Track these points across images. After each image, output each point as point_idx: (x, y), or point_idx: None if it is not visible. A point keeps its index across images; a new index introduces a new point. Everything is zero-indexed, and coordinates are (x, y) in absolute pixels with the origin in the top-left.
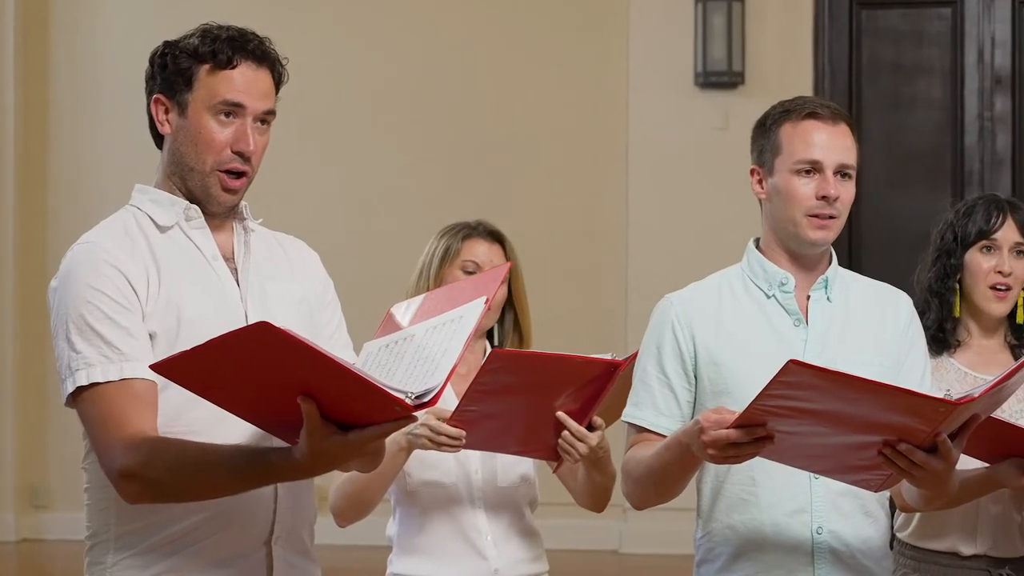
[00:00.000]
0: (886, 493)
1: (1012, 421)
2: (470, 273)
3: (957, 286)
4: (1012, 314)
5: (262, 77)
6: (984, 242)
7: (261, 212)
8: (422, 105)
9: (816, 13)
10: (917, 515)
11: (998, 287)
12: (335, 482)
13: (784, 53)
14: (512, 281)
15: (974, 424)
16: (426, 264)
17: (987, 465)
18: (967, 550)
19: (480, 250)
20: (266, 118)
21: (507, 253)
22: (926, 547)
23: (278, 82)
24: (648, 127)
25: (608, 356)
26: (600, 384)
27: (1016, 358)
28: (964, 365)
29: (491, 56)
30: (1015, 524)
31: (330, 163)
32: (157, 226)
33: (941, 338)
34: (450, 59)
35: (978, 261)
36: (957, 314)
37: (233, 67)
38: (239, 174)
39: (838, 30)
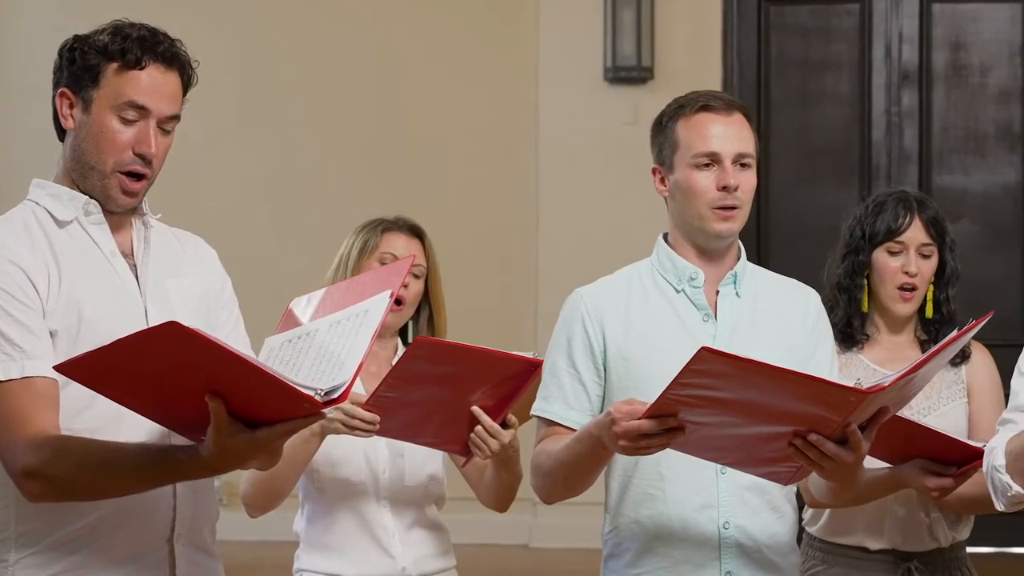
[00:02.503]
0: (793, 488)
1: (917, 420)
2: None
3: (865, 283)
4: (922, 308)
5: (170, 80)
6: (891, 243)
7: (176, 207)
8: (335, 100)
9: (725, 8)
10: (827, 510)
11: (904, 287)
12: (246, 472)
13: (693, 48)
14: (429, 277)
15: (883, 417)
16: (344, 258)
17: (889, 466)
18: (874, 545)
19: (399, 244)
20: (170, 123)
21: (426, 248)
22: (835, 541)
23: (187, 85)
24: (558, 122)
25: (529, 354)
26: (518, 381)
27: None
28: (872, 361)
29: (403, 52)
30: (922, 522)
31: (245, 158)
32: (56, 221)
33: (849, 334)
34: (363, 54)
35: (885, 261)
36: (865, 310)
37: (141, 68)
38: (139, 176)
39: (747, 25)
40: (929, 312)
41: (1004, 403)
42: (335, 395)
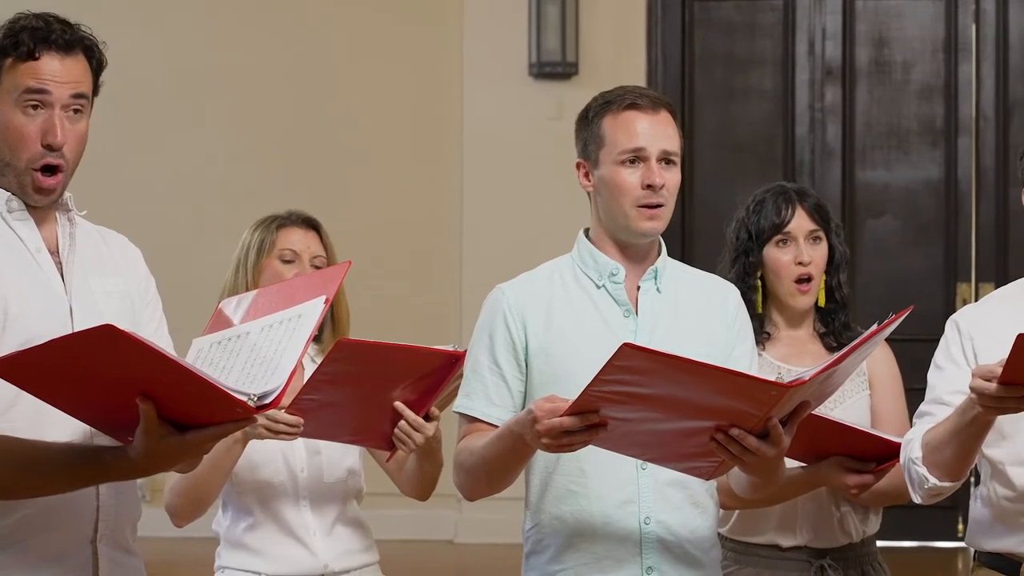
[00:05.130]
0: (715, 484)
1: (833, 417)
2: (288, 262)
3: (759, 283)
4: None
5: (70, 65)
6: (779, 236)
7: (89, 202)
8: (256, 95)
9: (649, 4)
10: (736, 510)
11: (801, 279)
12: (169, 482)
13: (617, 44)
14: None
15: (804, 411)
16: (242, 258)
17: (804, 465)
18: (787, 543)
19: (295, 238)
20: (77, 104)
21: (323, 239)
22: (747, 541)
23: (96, 68)
24: (482, 117)
25: (450, 347)
26: (440, 375)
27: (826, 347)
28: (776, 359)
29: (325, 45)
30: (833, 517)
31: (160, 153)
32: None
33: None
34: (284, 47)
35: (776, 256)
36: (760, 310)
37: (36, 58)
38: (53, 170)
39: (671, 21)
40: (822, 301)
41: (903, 394)
42: (268, 400)
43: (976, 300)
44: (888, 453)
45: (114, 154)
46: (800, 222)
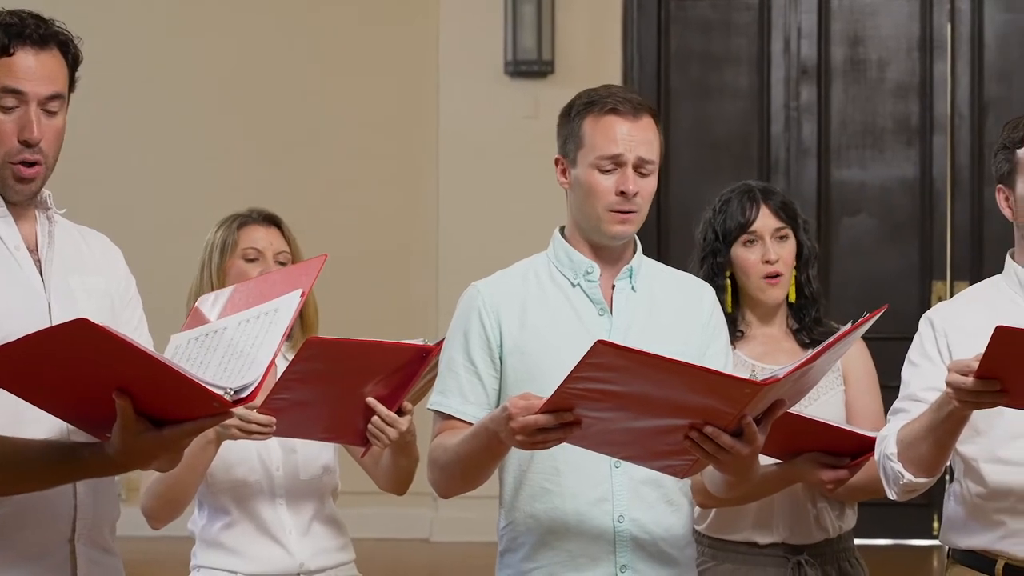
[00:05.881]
0: (689, 482)
1: (806, 414)
2: (252, 261)
3: (729, 283)
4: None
5: (45, 61)
6: (745, 236)
7: (66, 200)
8: (233, 93)
9: (625, 2)
10: (713, 509)
11: (769, 275)
12: (144, 485)
13: (593, 42)
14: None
15: (779, 409)
16: (206, 260)
17: (778, 462)
18: (764, 539)
19: (257, 236)
20: (54, 101)
21: (285, 234)
22: (724, 538)
23: (72, 63)
24: (458, 115)
25: (419, 341)
26: (411, 370)
27: (799, 343)
28: (750, 356)
29: (301, 43)
30: (809, 513)
31: (136, 152)
32: None
33: None
34: (259, 46)
35: (744, 255)
36: (730, 310)
37: (11, 54)
38: (32, 165)
39: (647, 19)
40: (792, 297)
41: (879, 390)
42: (244, 394)
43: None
44: (862, 448)
45: (90, 152)
46: (765, 221)
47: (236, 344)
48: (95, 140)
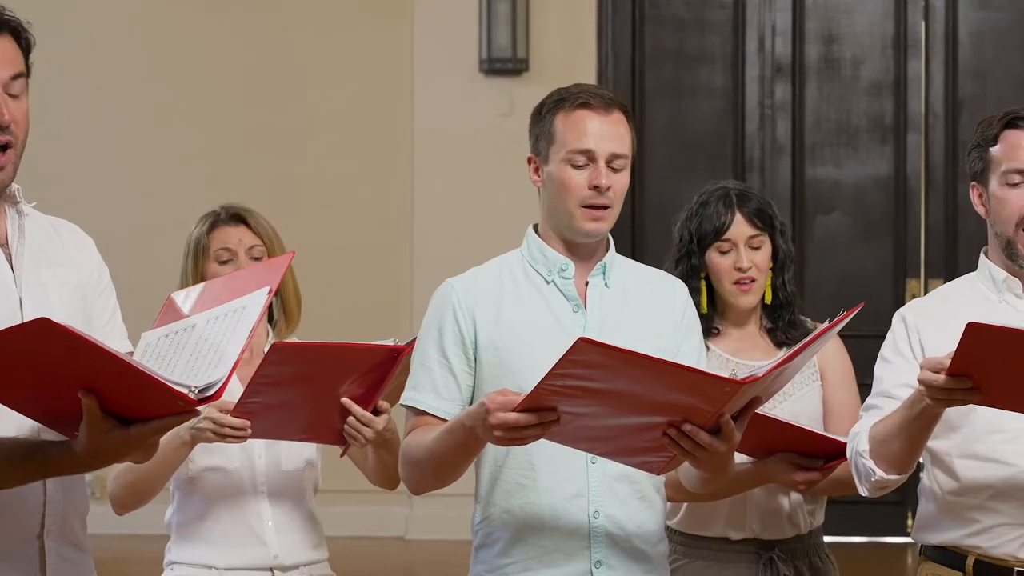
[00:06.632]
0: (662, 478)
1: (776, 416)
2: (225, 263)
3: (703, 283)
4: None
5: (2, 46)
6: (719, 243)
7: (40, 194)
8: (208, 91)
9: (600, 1)
10: (684, 504)
11: (742, 282)
12: (114, 471)
13: (568, 40)
14: (270, 256)
15: (756, 406)
16: (184, 266)
17: (752, 460)
18: (736, 535)
19: (228, 236)
20: (15, 84)
21: (255, 229)
22: (696, 534)
23: (26, 48)
24: (433, 113)
25: (390, 342)
26: (384, 369)
27: (774, 341)
28: (725, 351)
29: (277, 42)
30: (782, 509)
31: (113, 147)
32: None
33: None
34: (237, 44)
35: (717, 260)
36: (705, 311)
37: None
38: (4, 148)
39: (621, 18)
40: (768, 298)
41: (855, 386)
42: (210, 392)
43: None
44: (835, 452)
45: (71, 149)
46: (739, 228)
47: (204, 341)
48: (74, 137)
